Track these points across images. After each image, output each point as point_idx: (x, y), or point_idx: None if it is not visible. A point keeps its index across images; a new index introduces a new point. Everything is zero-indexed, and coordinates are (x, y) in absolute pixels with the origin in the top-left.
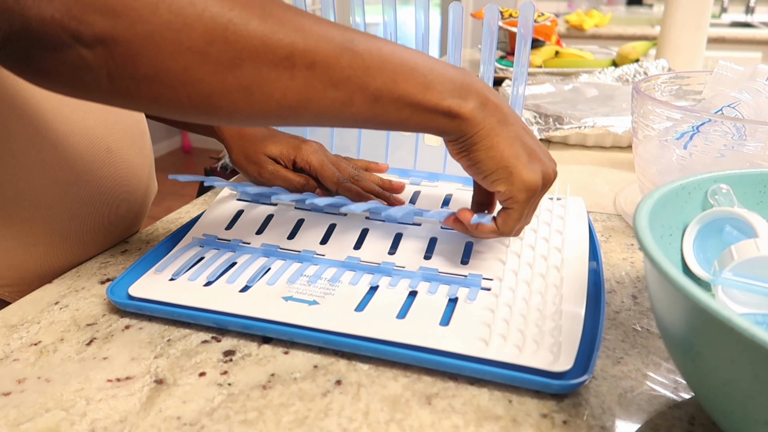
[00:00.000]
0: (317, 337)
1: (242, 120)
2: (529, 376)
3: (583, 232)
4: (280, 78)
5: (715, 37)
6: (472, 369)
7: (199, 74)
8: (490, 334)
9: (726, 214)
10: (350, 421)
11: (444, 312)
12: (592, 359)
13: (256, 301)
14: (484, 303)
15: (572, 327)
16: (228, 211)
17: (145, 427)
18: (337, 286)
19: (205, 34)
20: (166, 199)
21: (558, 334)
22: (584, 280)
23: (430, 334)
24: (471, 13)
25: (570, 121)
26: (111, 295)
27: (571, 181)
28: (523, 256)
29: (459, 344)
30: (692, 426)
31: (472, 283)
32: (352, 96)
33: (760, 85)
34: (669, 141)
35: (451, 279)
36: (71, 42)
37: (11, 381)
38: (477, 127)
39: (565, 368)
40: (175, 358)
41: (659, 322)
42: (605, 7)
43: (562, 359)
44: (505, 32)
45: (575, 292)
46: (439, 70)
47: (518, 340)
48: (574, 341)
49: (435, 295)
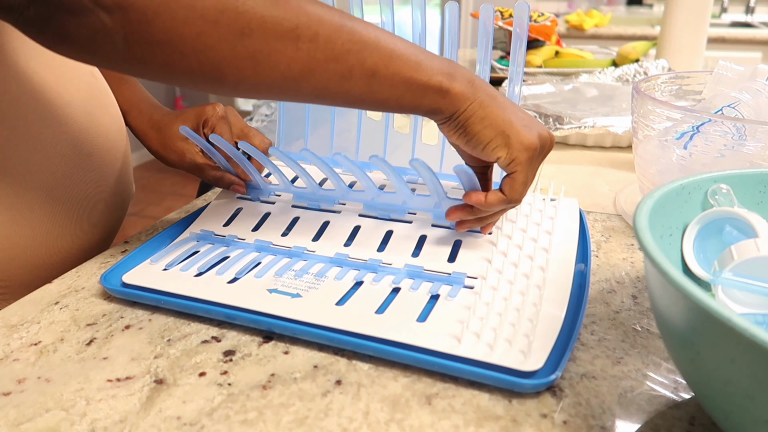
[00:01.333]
0: (295, 328)
1: (247, 89)
2: (497, 374)
3: (573, 233)
4: (285, 49)
5: (715, 37)
6: (442, 365)
7: (210, 41)
8: (463, 331)
9: (726, 214)
10: (350, 421)
11: (423, 308)
12: (563, 360)
13: (242, 292)
14: (464, 301)
15: (549, 328)
16: (227, 209)
17: (145, 427)
18: (323, 281)
19: (217, 3)
20: (166, 199)
21: (532, 335)
22: (569, 282)
23: (405, 330)
24: (471, 12)
25: (570, 121)
26: (104, 282)
27: (571, 181)
28: (510, 256)
29: (431, 340)
30: (692, 426)
31: (456, 281)
32: (351, 69)
33: (760, 85)
34: (669, 141)
35: (435, 276)
36: (92, 6)
37: (11, 381)
38: (468, 100)
39: (534, 368)
40: (175, 358)
41: (659, 322)
42: (605, 7)
43: (532, 359)
44: (504, 32)
45: (557, 293)
46: (426, 55)
47: (491, 339)
48: (548, 342)
49: (417, 291)
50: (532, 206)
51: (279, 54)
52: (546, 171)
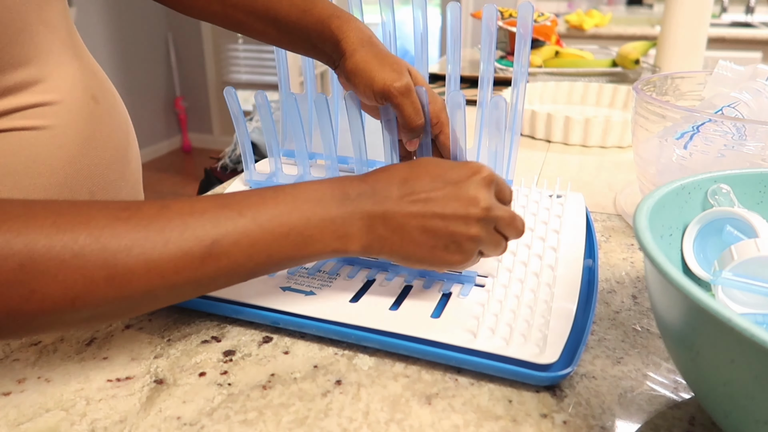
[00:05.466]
0: (311, 325)
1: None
2: (514, 367)
3: (580, 230)
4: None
5: (715, 37)
6: (458, 359)
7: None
8: (479, 326)
9: (726, 214)
10: (350, 421)
11: (437, 305)
12: (578, 353)
13: (254, 290)
14: (477, 299)
15: (561, 323)
16: None
17: (145, 427)
18: (335, 279)
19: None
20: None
21: (546, 329)
22: (578, 278)
23: (420, 325)
24: (471, 13)
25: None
26: None
27: (571, 181)
28: (519, 255)
29: (448, 335)
30: (692, 426)
31: (467, 280)
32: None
33: (760, 85)
34: (669, 141)
35: (446, 275)
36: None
37: (11, 381)
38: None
39: (549, 361)
40: (175, 358)
41: (659, 322)
42: (605, 7)
43: (547, 352)
44: (504, 32)
45: (568, 290)
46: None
47: (506, 334)
48: (562, 336)
49: (429, 290)
50: (539, 204)
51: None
52: (546, 171)
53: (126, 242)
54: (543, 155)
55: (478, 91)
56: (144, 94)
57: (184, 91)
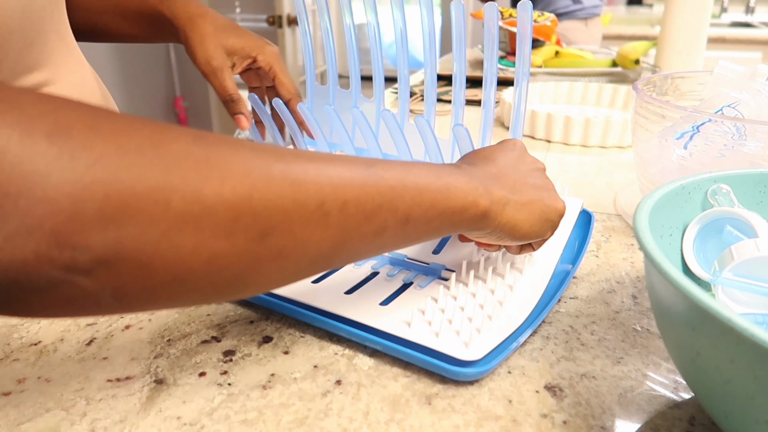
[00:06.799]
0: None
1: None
2: (435, 360)
3: (563, 235)
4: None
5: (715, 37)
6: (391, 348)
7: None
8: (414, 317)
9: (726, 214)
10: (350, 421)
11: (391, 294)
12: (499, 357)
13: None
14: (432, 292)
15: (505, 327)
16: None
17: (145, 427)
18: None
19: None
20: None
21: (485, 330)
22: (544, 283)
23: (365, 311)
24: (471, 13)
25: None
26: None
27: (571, 181)
28: (493, 255)
29: (386, 323)
30: (692, 426)
31: (432, 272)
32: (385, 223)
33: (760, 85)
34: (669, 141)
35: (414, 266)
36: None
37: (11, 381)
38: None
39: (469, 358)
40: (175, 358)
41: (659, 322)
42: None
43: (471, 350)
44: (504, 32)
45: (527, 295)
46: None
47: (440, 328)
48: (497, 339)
49: (393, 278)
50: None
51: (307, 240)
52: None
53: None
54: (543, 155)
55: (482, 90)
56: (144, 94)
57: (184, 91)
